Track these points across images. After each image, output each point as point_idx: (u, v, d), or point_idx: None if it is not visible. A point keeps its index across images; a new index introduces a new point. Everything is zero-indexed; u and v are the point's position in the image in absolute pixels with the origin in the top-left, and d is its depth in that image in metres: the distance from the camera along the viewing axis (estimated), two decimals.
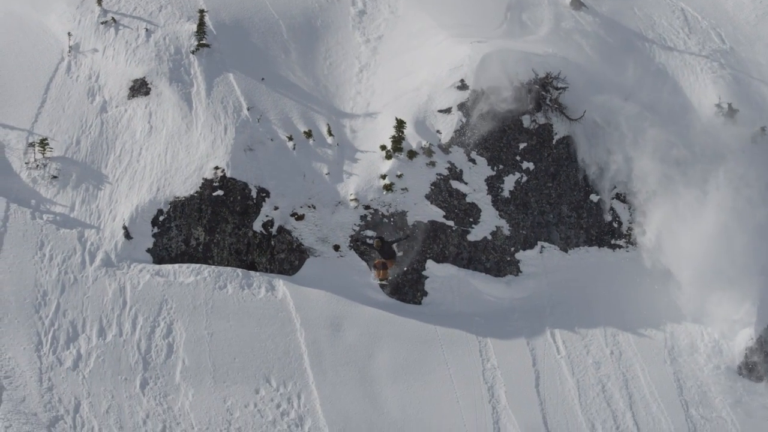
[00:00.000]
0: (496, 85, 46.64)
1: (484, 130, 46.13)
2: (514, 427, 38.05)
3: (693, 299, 42.93)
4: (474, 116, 46.25)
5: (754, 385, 41.28)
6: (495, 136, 46.20)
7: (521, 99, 46.73)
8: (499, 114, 46.39)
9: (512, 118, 46.56)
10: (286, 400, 37.06)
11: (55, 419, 33.85)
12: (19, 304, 37.62)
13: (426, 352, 40.33)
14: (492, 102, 46.49)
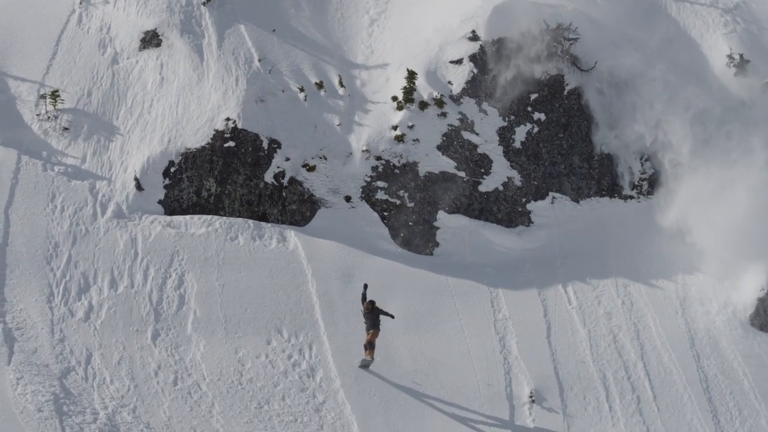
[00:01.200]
0: (507, 35, 45.77)
1: (496, 81, 45.25)
2: (526, 377, 37.49)
3: (710, 259, 42.09)
4: (485, 67, 45.35)
5: (765, 336, 40.50)
6: (506, 86, 45.31)
7: (532, 50, 45.77)
8: (511, 65, 45.47)
9: (523, 68, 45.60)
10: (298, 350, 36.45)
11: (66, 370, 33.23)
12: (30, 256, 37.02)
13: (437, 302, 39.76)
14: (503, 53, 45.62)
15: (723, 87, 47.28)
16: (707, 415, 37.23)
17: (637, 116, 46.00)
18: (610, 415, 36.69)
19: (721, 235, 41.84)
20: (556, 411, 36.55)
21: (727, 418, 37.32)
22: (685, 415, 37.13)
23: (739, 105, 47.19)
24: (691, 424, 36.89)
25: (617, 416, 36.67)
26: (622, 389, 37.63)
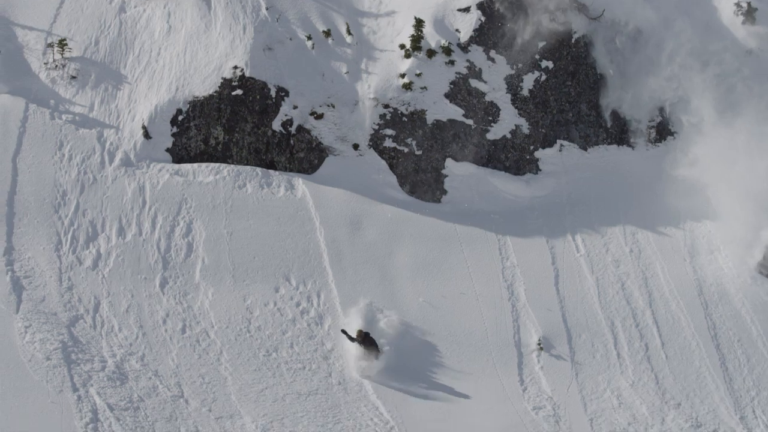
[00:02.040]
0: None
1: (503, 29, 44.44)
2: (534, 324, 37.06)
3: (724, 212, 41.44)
4: (493, 15, 44.52)
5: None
6: (514, 34, 44.48)
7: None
8: (519, 12, 44.64)
9: (531, 16, 44.76)
10: (306, 298, 35.98)
11: (74, 319, 32.78)
12: (38, 204, 36.48)
13: (445, 250, 39.26)
14: (511, 0, 44.77)
15: (733, 37, 46.43)
16: (715, 362, 36.84)
17: (654, 69, 45.15)
18: (618, 363, 36.32)
19: (739, 192, 41.09)
20: (564, 358, 36.19)
21: (736, 366, 36.89)
22: (693, 363, 36.74)
23: (747, 54, 46.38)
24: (699, 371, 36.50)
25: (625, 363, 36.30)
26: (631, 337, 37.24)
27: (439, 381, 34.27)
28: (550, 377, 35.48)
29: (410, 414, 32.28)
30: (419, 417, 32.34)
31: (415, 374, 33.74)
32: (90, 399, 29.61)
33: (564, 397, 34.85)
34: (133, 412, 29.72)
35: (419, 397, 33.08)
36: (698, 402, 35.50)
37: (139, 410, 29.88)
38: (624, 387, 35.53)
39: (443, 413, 32.74)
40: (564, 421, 34.00)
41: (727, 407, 35.40)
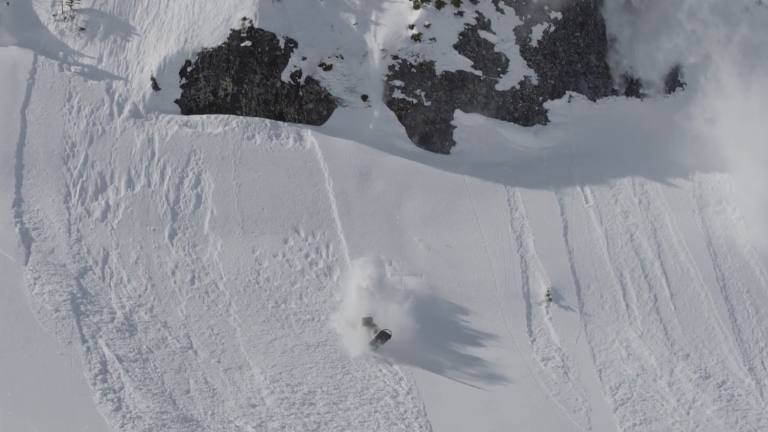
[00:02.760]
0: None
1: None
2: (543, 275, 36.65)
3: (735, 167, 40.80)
4: None
5: None
6: None
7: None
8: None
9: None
10: (315, 249, 35.54)
11: (83, 270, 32.34)
12: (47, 156, 36.02)
13: (454, 201, 38.83)
14: None
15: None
16: (724, 313, 36.42)
17: (671, 26, 44.28)
18: (627, 314, 35.94)
19: (751, 147, 40.38)
20: (573, 309, 35.80)
21: (744, 317, 36.47)
22: (701, 314, 36.33)
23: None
24: (708, 322, 36.09)
25: (634, 314, 35.91)
26: (639, 287, 36.82)
27: (447, 332, 33.84)
28: (558, 328, 35.10)
29: (419, 365, 31.82)
30: (428, 368, 31.88)
31: (423, 326, 33.25)
32: (99, 350, 29.23)
33: (573, 348, 34.50)
34: (142, 363, 29.33)
35: (428, 349, 32.62)
36: (707, 353, 35.13)
37: (148, 362, 29.49)
38: (633, 338, 35.15)
39: (452, 364, 32.29)
40: (573, 372, 33.64)
41: (735, 358, 35.03)
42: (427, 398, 30.63)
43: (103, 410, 26.87)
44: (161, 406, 27.58)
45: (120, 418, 26.64)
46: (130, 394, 27.79)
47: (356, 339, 31.84)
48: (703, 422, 32.52)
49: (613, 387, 33.25)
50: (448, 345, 33.22)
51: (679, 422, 32.30)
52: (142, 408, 27.23)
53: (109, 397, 27.43)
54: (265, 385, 30.07)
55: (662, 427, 32.05)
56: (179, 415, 27.46)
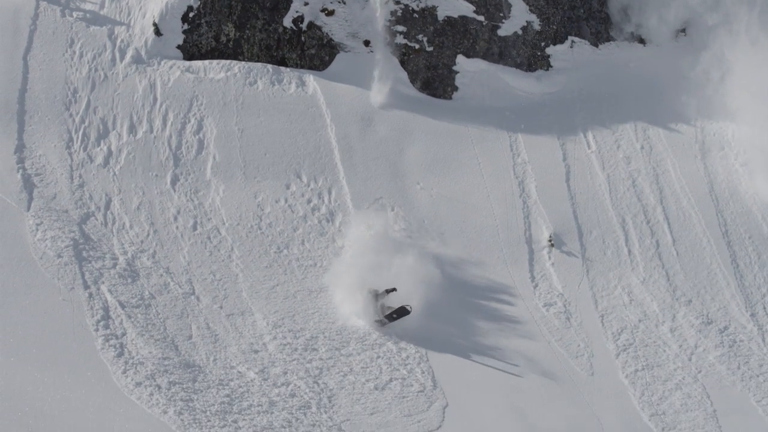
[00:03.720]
0: None
1: None
2: (545, 220, 36.22)
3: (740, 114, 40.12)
4: None
5: None
6: None
7: None
8: None
9: None
10: (317, 195, 35.01)
11: (86, 216, 31.78)
12: (49, 102, 35.31)
13: (456, 146, 38.30)
14: None
15: None
16: (726, 259, 36.03)
17: None
18: (629, 259, 35.55)
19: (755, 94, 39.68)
20: (575, 255, 35.42)
21: (746, 263, 36.05)
22: (704, 260, 35.93)
23: None
24: (710, 268, 35.69)
25: (636, 260, 35.51)
26: (641, 233, 36.40)
27: (449, 278, 33.39)
28: (561, 274, 34.72)
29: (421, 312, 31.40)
30: (430, 315, 31.43)
31: (427, 272, 32.76)
32: (101, 296, 28.74)
33: (575, 294, 34.13)
34: (144, 309, 28.87)
35: (430, 296, 32.19)
36: (709, 299, 34.75)
37: (150, 307, 29.02)
38: (635, 284, 34.77)
39: (454, 311, 31.87)
40: (575, 317, 33.30)
41: (737, 304, 34.66)
42: (429, 345, 30.17)
43: (105, 356, 26.43)
44: (163, 352, 27.16)
45: (122, 364, 26.20)
46: (133, 339, 27.34)
47: (360, 309, 30.82)
48: (705, 368, 32.19)
49: (615, 333, 32.92)
50: (450, 292, 32.78)
51: (681, 368, 31.97)
52: (145, 354, 26.81)
53: (111, 342, 26.98)
54: (267, 330, 29.67)
55: (664, 372, 31.73)
56: (181, 361, 27.05)
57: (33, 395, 23.40)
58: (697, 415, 30.30)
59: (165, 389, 25.46)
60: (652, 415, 30.05)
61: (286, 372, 28.11)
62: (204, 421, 24.64)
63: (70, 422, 22.63)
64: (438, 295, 31.48)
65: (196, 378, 26.49)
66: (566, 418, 29.06)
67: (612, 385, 31.01)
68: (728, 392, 31.56)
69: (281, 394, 27.04)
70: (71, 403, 23.53)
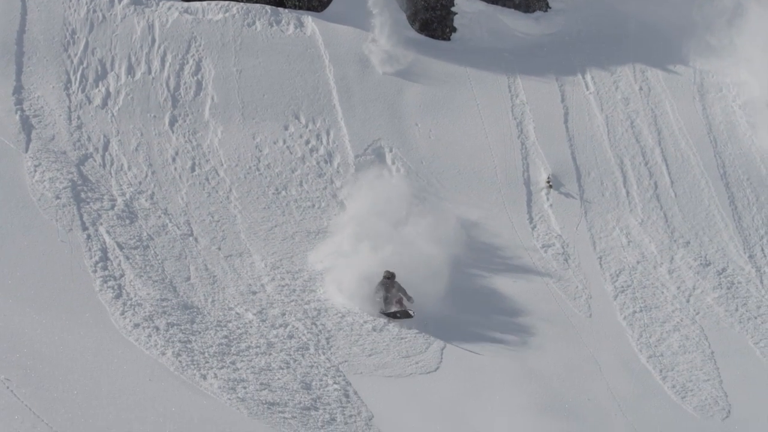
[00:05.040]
0: None
1: None
2: (543, 162, 35.75)
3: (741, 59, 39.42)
4: None
5: None
6: None
7: None
8: None
9: None
10: (315, 136, 34.42)
11: (84, 157, 31.14)
12: (47, 43, 34.54)
13: (455, 88, 37.80)
14: None
15: None
16: (724, 201, 35.57)
17: None
18: (627, 201, 35.09)
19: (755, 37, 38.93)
20: (574, 196, 34.95)
21: (744, 204, 35.58)
22: (702, 201, 35.45)
23: None
24: (708, 210, 35.22)
25: (634, 202, 35.05)
26: (640, 175, 35.90)
27: (447, 220, 32.82)
28: (559, 215, 34.24)
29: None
30: None
31: (423, 214, 32.27)
32: (99, 238, 28.16)
33: (573, 235, 33.66)
34: (143, 250, 28.32)
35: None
36: (707, 241, 34.28)
37: (149, 249, 28.47)
38: (633, 225, 34.29)
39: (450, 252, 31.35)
40: (573, 259, 32.84)
41: (735, 246, 34.20)
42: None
43: (103, 297, 25.90)
44: (162, 293, 26.65)
45: (120, 306, 25.67)
46: (131, 281, 26.80)
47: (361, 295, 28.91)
48: (703, 309, 31.78)
49: (613, 274, 32.48)
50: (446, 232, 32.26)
51: (679, 309, 31.55)
52: (143, 295, 26.29)
53: (109, 284, 26.43)
54: (265, 272, 29.17)
55: (662, 314, 31.32)
56: (180, 302, 26.56)
57: (31, 336, 22.88)
58: (695, 357, 29.93)
59: (163, 331, 24.96)
60: (650, 356, 29.65)
61: (285, 313, 27.65)
62: (202, 362, 24.18)
63: (68, 363, 22.12)
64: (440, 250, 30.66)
65: (194, 319, 26.01)
66: (564, 359, 28.66)
67: (610, 326, 30.59)
68: (726, 334, 31.18)
69: (279, 336, 26.59)
70: (69, 345, 23.03)
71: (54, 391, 20.63)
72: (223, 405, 22.59)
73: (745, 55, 39.13)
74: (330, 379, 25.21)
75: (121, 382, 21.95)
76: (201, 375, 23.65)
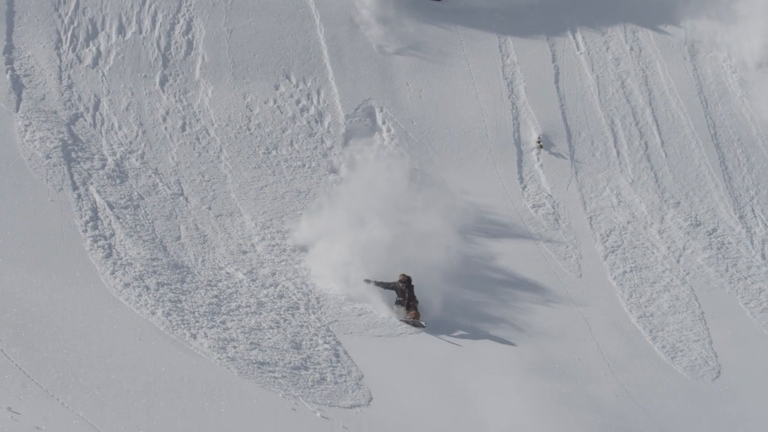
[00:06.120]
0: None
1: None
2: (533, 122, 35.46)
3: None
4: None
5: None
6: None
7: None
8: None
9: None
10: (306, 95, 34.04)
11: (75, 117, 30.72)
12: (38, 2, 34.05)
13: (446, 48, 37.49)
14: None
15: None
16: (715, 161, 35.40)
17: None
18: (618, 161, 34.88)
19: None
20: (564, 156, 34.74)
21: (735, 165, 35.39)
22: (692, 161, 35.26)
23: None
24: (698, 170, 35.03)
25: (625, 162, 34.83)
26: (630, 135, 35.66)
27: (437, 180, 32.67)
28: (549, 175, 34.01)
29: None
30: None
31: (413, 171, 32.13)
32: (90, 197, 27.81)
33: (563, 195, 33.44)
34: (133, 210, 27.97)
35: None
36: (697, 201, 34.09)
37: (139, 208, 28.13)
38: (623, 185, 34.07)
39: (440, 211, 31.10)
40: (563, 218, 32.62)
41: (726, 206, 34.02)
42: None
43: (93, 257, 25.57)
44: (152, 253, 26.33)
45: (111, 265, 25.35)
46: (121, 240, 26.47)
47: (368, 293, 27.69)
48: (693, 270, 31.61)
49: (604, 234, 32.28)
50: (437, 191, 32.07)
51: (669, 270, 31.37)
52: (133, 255, 25.97)
53: (99, 243, 26.09)
54: (255, 231, 28.88)
55: (652, 274, 31.15)
56: (170, 262, 26.26)
57: (21, 296, 22.63)
58: (684, 317, 29.79)
59: (153, 290, 24.67)
60: (640, 316, 29.49)
61: (275, 273, 27.38)
62: (192, 321, 23.91)
63: (59, 323, 21.90)
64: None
65: (184, 279, 25.73)
66: (554, 319, 28.49)
67: (600, 286, 30.43)
68: (716, 294, 31.06)
69: (269, 295, 26.33)
70: (59, 304, 22.78)
71: (44, 350, 20.42)
72: (213, 364, 22.35)
73: (737, 16, 38.82)
74: (320, 339, 24.98)
75: (111, 341, 21.73)
76: (191, 335, 23.39)
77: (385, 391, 23.45)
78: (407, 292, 26.96)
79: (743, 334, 29.65)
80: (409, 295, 26.93)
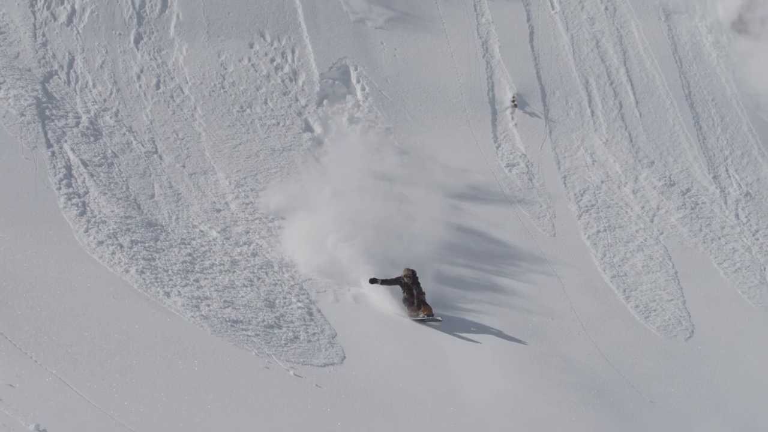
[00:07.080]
0: None
1: None
2: (508, 81, 35.16)
3: None
4: None
5: (746, 42, 37.85)
6: None
7: None
8: None
9: None
10: (280, 54, 33.63)
11: (49, 74, 30.27)
12: None
13: (420, 6, 37.11)
14: None
15: None
16: (689, 121, 35.19)
17: None
18: (592, 120, 34.64)
19: None
20: (538, 115, 34.46)
21: (709, 125, 35.20)
22: (666, 121, 35.06)
23: None
24: (673, 129, 34.85)
25: (599, 121, 34.60)
26: (605, 94, 35.42)
27: (411, 138, 32.49)
28: (523, 134, 33.77)
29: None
30: None
31: (395, 142, 31.88)
32: (64, 155, 27.44)
33: (537, 155, 33.24)
34: (107, 168, 27.62)
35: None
36: (671, 160, 33.95)
37: (113, 166, 27.78)
38: (597, 145, 33.89)
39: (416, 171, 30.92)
40: (537, 178, 32.43)
41: (700, 166, 33.90)
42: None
43: (67, 215, 25.27)
44: (126, 211, 26.03)
45: (84, 223, 25.05)
46: (95, 198, 26.16)
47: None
48: (667, 229, 31.53)
49: (578, 194, 32.14)
50: (412, 151, 31.85)
51: (643, 229, 31.28)
52: (107, 212, 25.67)
53: (73, 201, 25.78)
54: (229, 189, 28.58)
55: (626, 234, 31.05)
56: (143, 220, 25.97)
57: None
58: (658, 277, 29.74)
59: (127, 248, 24.42)
60: (614, 276, 29.42)
61: (249, 231, 27.13)
62: (166, 279, 23.69)
63: (32, 280, 21.68)
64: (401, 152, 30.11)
65: (158, 237, 25.46)
66: (528, 278, 28.39)
67: (574, 246, 30.32)
68: (690, 254, 31.00)
69: (243, 253, 26.10)
70: (33, 262, 22.55)
71: (17, 308, 20.22)
72: (186, 323, 22.17)
73: None
74: (294, 297, 24.80)
75: (85, 299, 21.54)
76: (164, 293, 23.18)
77: (359, 350, 23.34)
78: (414, 288, 25.85)
79: (717, 294, 29.64)
80: (417, 290, 25.84)
